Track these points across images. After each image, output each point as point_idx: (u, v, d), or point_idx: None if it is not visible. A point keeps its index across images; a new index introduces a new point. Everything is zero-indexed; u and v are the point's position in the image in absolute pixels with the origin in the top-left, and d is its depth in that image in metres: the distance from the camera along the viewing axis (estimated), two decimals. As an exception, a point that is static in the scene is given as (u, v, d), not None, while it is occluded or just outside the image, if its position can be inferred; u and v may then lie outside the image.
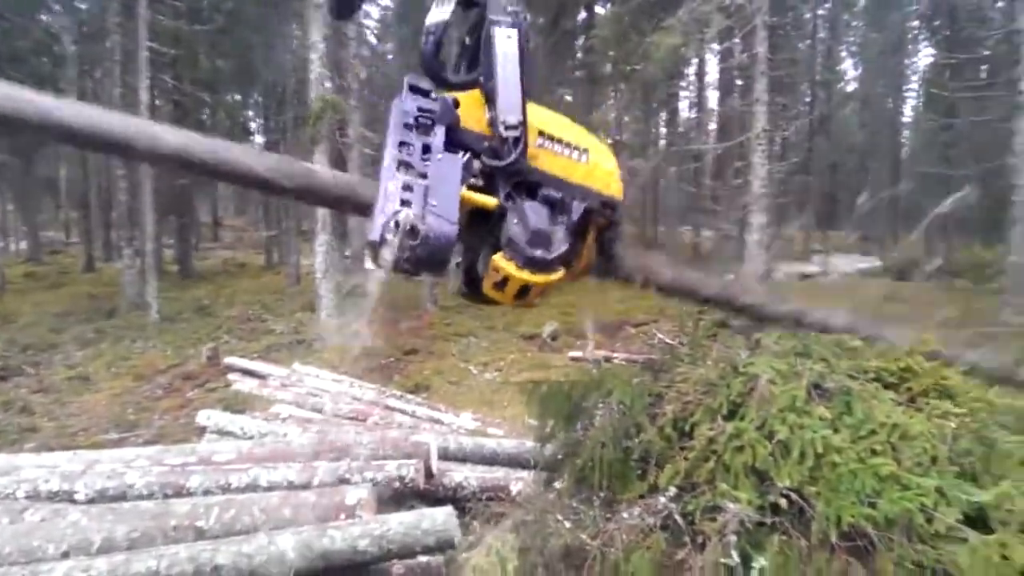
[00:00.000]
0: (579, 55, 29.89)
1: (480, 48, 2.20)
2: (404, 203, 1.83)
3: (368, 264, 1.96)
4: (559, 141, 2.29)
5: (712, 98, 30.46)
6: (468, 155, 2.12)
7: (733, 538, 1.93)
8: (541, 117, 2.30)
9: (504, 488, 4.86)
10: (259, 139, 39.42)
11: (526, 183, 2.22)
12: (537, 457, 3.05)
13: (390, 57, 43.43)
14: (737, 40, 17.09)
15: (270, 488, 4.49)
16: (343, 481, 4.50)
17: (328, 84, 16.53)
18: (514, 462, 5.39)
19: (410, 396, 9.34)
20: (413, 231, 1.79)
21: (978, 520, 1.86)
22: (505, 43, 2.12)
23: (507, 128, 2.09)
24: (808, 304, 3.23)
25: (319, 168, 2.57)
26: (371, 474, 4.57)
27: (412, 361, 13.91)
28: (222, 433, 6.53)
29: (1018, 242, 14.87)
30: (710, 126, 29.81)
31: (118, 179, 21.41)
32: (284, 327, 17.27)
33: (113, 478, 4.64)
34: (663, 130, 35.16)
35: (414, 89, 2.14)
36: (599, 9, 27.84)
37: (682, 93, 32.07)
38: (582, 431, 2.50)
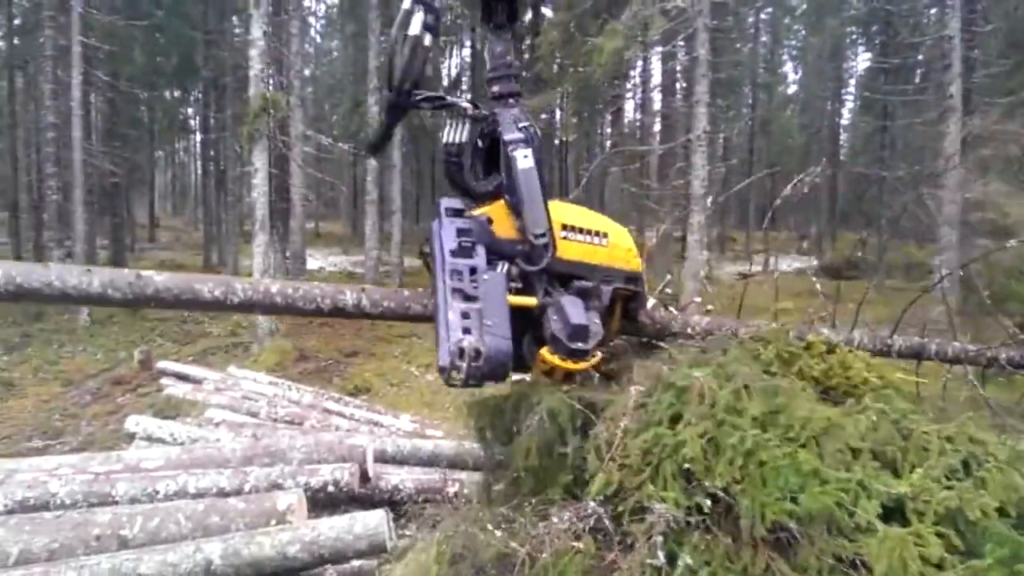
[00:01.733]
0: (526, 56, 30.01)
1: (494, 150, 2.50)
2: (465, 331, 2.12)
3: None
4: (580, 230, 2.59)
5: (656, 100, 30.85)
6: (506, 265, 2.43)
7: (660, 538, 1.92)
8: (562, 211, 2.59)
9: (441, 490, 4.79)
10: (198, 136, 38.60)
11: (558, 274, 2.50)
12: (474, 460, 3.05)
13: (335, 55, 43.02)
14: (680, 43, 17.32)
15: (199, 495, 4.34)
16: (275, 487, 4.38)
17: (269, 81, 16.21)
18: (452, 464, 5.34)
19: (349, 399, 9.20)
20: (477, 353, 2.09)
21: (898, 512, 1.88)
22: (524, 162, 2.39)
23: (536, 237, 2.37)
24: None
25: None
26: (304, 479, 4.46)
27: (353, 363, 13.74)
28: (152, 440, 6.31)
29: (946, 242, 15.40)
30: (654, 127, 30.20)
31: (48, 177, 20.61)
32: (221, 330, 16.88)
33: (34, 487, 4.43)
34: (608, 130, 35.53)
35: (450, 212, 2.43)
36: (546, 11, 27.95)
37: (627, 95, 32.43)
38: (513, 440, 2.50)
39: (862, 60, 36.79)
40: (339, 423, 7.37)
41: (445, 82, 31.01)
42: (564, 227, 2.55)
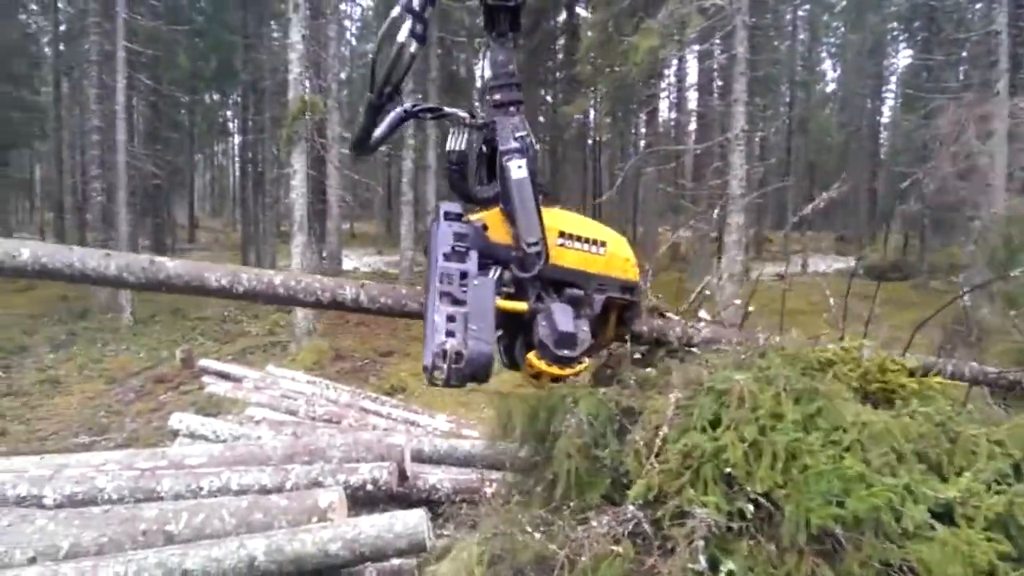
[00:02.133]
0: (560, 56, 29.96)
1: (494, 157, 2.56)
2: (449, 333, 2.17)
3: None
4: (578, 238, 2.62)
5: (692, 99, 30.60)
6: (500, 269, 2.48)
7: (701, 543, 1.90)
8: (560, 219, 2.64)
9: (478, 490, 4.80)
10: (237, 139, 39.21)
11: (552, 281, 2.54)
12: (510, 461, 3.05)
13: (370, 57, 43.35)
14: (717, 41, 17.17)
15: (242, 492, 4.40)
16: (316, 484, 4.42)
17: (307, 84, 16.41)
18: (489, 464, 5.33)
19: (385, 398, 9.26)
20: (458, 356, 2.13)
21: (944, 517, 1.84)
22: (517, 172, 2.46)
23: (529, 245, 2.43)
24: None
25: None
26: (344, 477, 4.49)
27: (388, 363, 13.83)
28: (194, 436, 6.41)
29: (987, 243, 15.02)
30: (690, 127, 29.95)
31: (93, 180, 21.11)
32: (259, 329, 17.13)
33: (82, 483, 4.52)
34: (643, 130, 35.34)
35: (448, 216, 2.48)
36: (580, 11, 27.89)
37: (662, 94, 32.22)
38: (550, 442, 2.50)
39: (903, 57, 36.11)
40: (376, 422, 7.42)
41: (479, 83, 31.08)
42: (562, 234, 2.60)
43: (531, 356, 2.38)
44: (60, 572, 3.35)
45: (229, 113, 38.68)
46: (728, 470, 1.99)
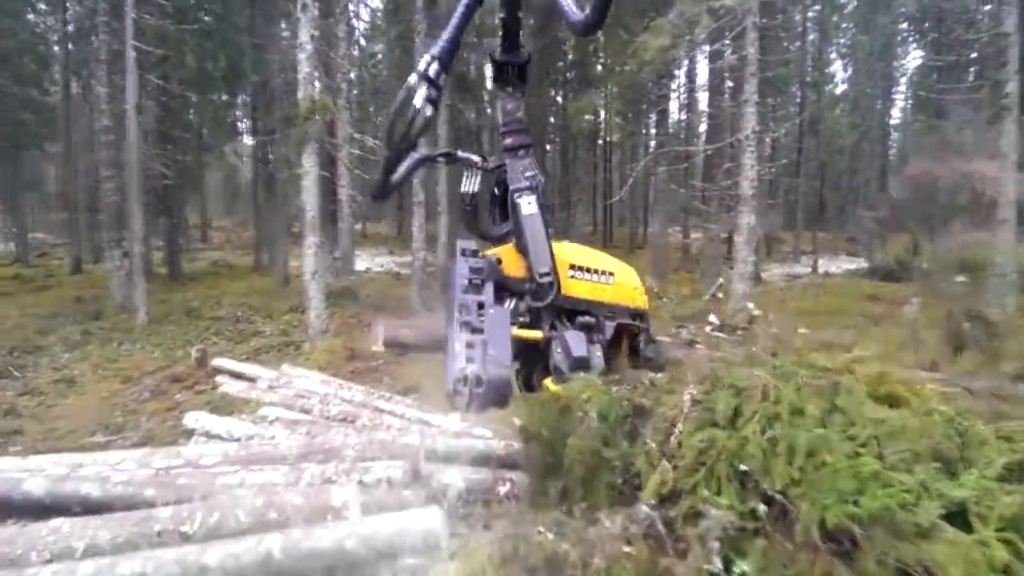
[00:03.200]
0: (570, 56, 29.93)
1: (507, 197, 2.76)
2: (469, 360, 2.43)
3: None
4: (588, 270, 2.86)
5: (702, 99, 30.51)
6: (514, 300, 2.70)
7: (716, 544, 1.92)
8: (571, 253, 2.89)
9: (491, 490, 4.82)
10: (247, 140, 39.36)
11: (565, 310, 2.75)
12: (523, 460, 3.10)
13: (379, 57, 43.44)
14: (728, 41, 17.13)
15: (256, 491, 4.44)
16: (330, 483, 4.46)
17: (317, 84, 16.46)
18: (502, 463, 5.35)
19: (399, 398, 9.27)
20: (478, 381, 2.40)
21: (958, 515, 1.85)
22: (528, 208, 2.69)
23: (541, 276, 2.66)
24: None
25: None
26: (358, 476, 4.52)
27: (402, 363, 13.83)
28: (209, 436, 6.44)
29: (1004, 242, 14.97)
30: (700, 127, 29.86)
31: (106, 180, 21.23)
32: (273, 329, 17.19)
33: (98, 481, 4.57)
34: (653, 131, 35.25)
35: (465, 252, 2.71)
36: (589, 10, 27.80)
37: (672, 94, 32.13)
38: (563, 442, 2.53)
39: (913, 58, 35.96)
40: (390, 421, 7.42)
41: (488, 83, 31.04)
42: (572, 267, 2.82)
43: (547, 382, 2.54)
44: (77, 570, 3.40)
45: (239, 113, 38.78)
46: (743, 467, 2.00)
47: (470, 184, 2.89)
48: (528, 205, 2.69)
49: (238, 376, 10.38)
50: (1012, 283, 14.59)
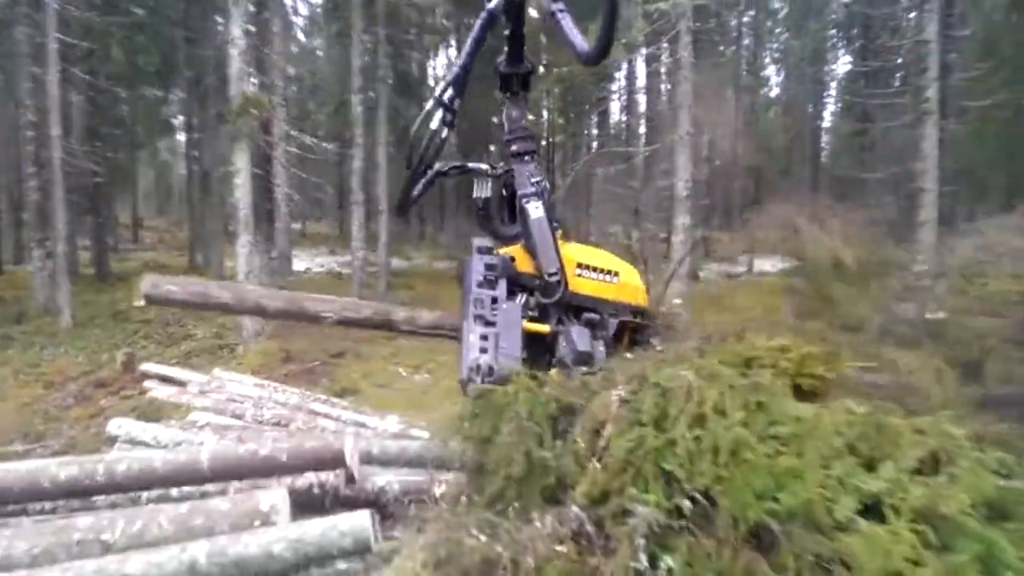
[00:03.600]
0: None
1: (515, 200, 2.96)
2: (482, 351, 2.56)
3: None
4: (594, 269, 2.99)
5: (642, 102, 30.96)
6: (525, 296, 2.85)
7: (642, 541, 1.93)
8: (578, 252, 3.04)
9: (427, 491, 4.78)
10: (181, 136, 38.34)
11: (571, 306, 2.89)
12: (460, 461, 3.08)
13: (319, 54, 42.80)
14: (664, 45, 17.42)
15: (182, 498, 4.31)
16: (259, 488, 4.36)
17: (253, 80, 16.13)
18: (439, 464, 5.31)
19: (336, 400, 9.13)
20: (490, 370, 2.52)
21: (875, 509, 1.90)
22: (535, 212, 2.85)
23: (549, 275, 2.79)
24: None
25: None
26: (289, 480, 4.43)
27: (340, 364, 13.69)
28: (134, 443, 6.21)
29: (925, 242, 15.59)
30: (640, 129, 30.30)
31: (28, 177, 20.38)
32: (205, 331, 16.78)
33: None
34: (595, 131, 35.63)
35: (480, 250, 2.85)
36: (531, 11, 27.96)
37: (612, 96, 32.53)
38: (493, 443, 2.52)
39: (842, 64, 37.18)
40: (325, 424, 7.30)
41: (431, 81, 31.01)
42: (579, 266, 2.94)
43: (553, 373, 2.60)
44: (-9, 585, 3.25)
45: (173, 109, 37.72)
46: (668, 467, 2.02)
47: (481, 189, 3.17)
48: (535, 209, 2.84)
49: (167, 380, 10.04)
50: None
